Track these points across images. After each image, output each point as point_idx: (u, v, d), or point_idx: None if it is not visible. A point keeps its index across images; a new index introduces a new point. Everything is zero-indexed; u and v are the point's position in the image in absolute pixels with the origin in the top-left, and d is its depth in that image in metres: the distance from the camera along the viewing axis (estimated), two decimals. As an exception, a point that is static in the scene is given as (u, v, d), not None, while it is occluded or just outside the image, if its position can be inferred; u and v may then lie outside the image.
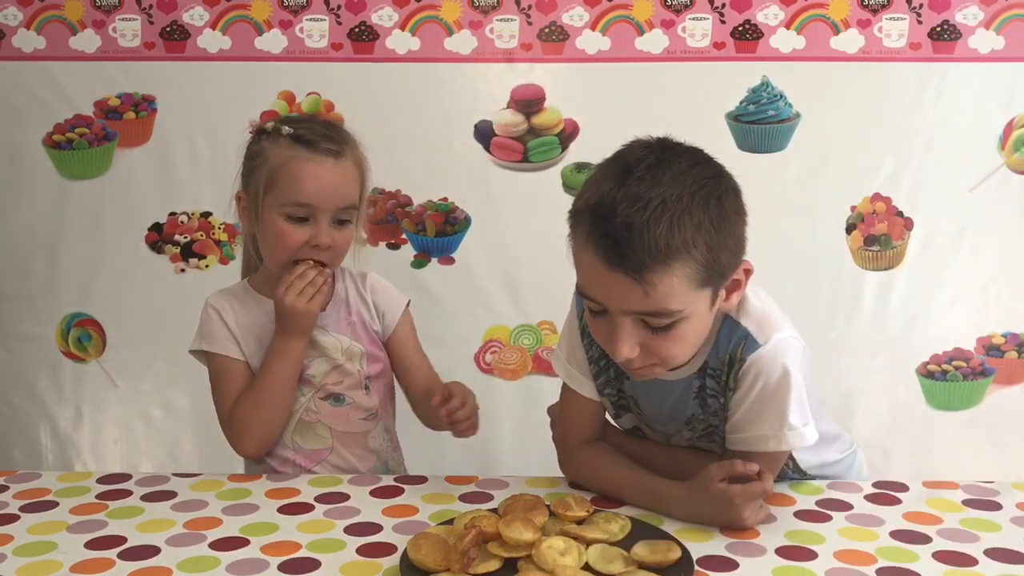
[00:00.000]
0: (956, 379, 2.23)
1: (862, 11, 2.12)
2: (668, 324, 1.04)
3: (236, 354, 1.39)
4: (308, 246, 1.33)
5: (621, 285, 1.01)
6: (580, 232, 1.06)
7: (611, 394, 1.28)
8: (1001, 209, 2.16)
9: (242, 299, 1.42)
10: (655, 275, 1.00)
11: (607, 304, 1.05)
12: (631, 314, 1.04)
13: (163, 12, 2.18)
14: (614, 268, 1.01)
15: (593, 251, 1.03)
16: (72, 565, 1.02)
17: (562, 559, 0.94)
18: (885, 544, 1.05)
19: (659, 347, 1.07)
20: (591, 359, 1.27)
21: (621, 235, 1.00)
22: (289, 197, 1.32)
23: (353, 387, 1.42)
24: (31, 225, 2.27)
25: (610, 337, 1.07)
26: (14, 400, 2.34)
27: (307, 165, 1.32)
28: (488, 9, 2.16)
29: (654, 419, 1.25)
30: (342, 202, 1.34)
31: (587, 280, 1.07)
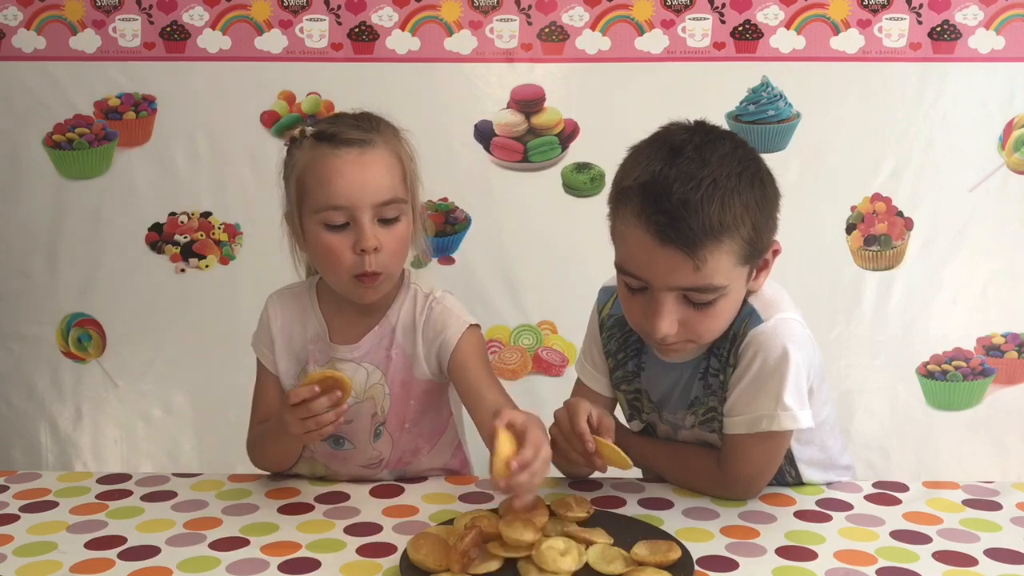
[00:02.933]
0: (956, 379, 2.23)
1: (862, 11, 2.12)
2: (710, 300, 1.07)
3: (268, 363, 1.31)
4: (356, 256, 1.18)
5: (672, 260, 1.04)
6: (628, 210, 1.07)
7: (627, 391, 1.29)
8: (1001, 209, 2.16)
9: (300, 306, 1.30)
10: (707, 251, 1.04)
11: (653, 280, 1.07)
12: (676, 290, 1.07)
13: (163, 12, 2.18)
14: (668, 244, 1.04)
15: (645, 228, 1.05)
16: (72, 565, 1.02)
17: (562, 559, 0.94)
18: (885, 544, 1.05)
19: (698, 323, 1.09)
20: (608, 352, 1.28)
21: (678, 212, 1.03)
22: (320, 202, 1.18)
23: (359, 432, 1.28)
24: (31, 225, 2.27)
25: (650, 313, 1.08)
26: (14, 400, 2.34)
27: (331, 162, 1.18)
28: (488, 9, 2.16)
29: (664, 407, 1.25)
30: (380, 196, 1.18)
31: (634, 257, 1.08)
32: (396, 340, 1.27)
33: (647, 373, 1.26)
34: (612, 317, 1.28)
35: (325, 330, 1.29)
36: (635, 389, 1.28)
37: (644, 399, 1.28)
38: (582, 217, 2.21)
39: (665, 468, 1.23)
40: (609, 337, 1.28)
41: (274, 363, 1.30)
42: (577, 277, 2.21)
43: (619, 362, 1.28)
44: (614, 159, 2.32)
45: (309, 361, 1.29)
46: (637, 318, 1.13)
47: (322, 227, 1.19)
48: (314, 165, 1.19)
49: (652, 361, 1.25)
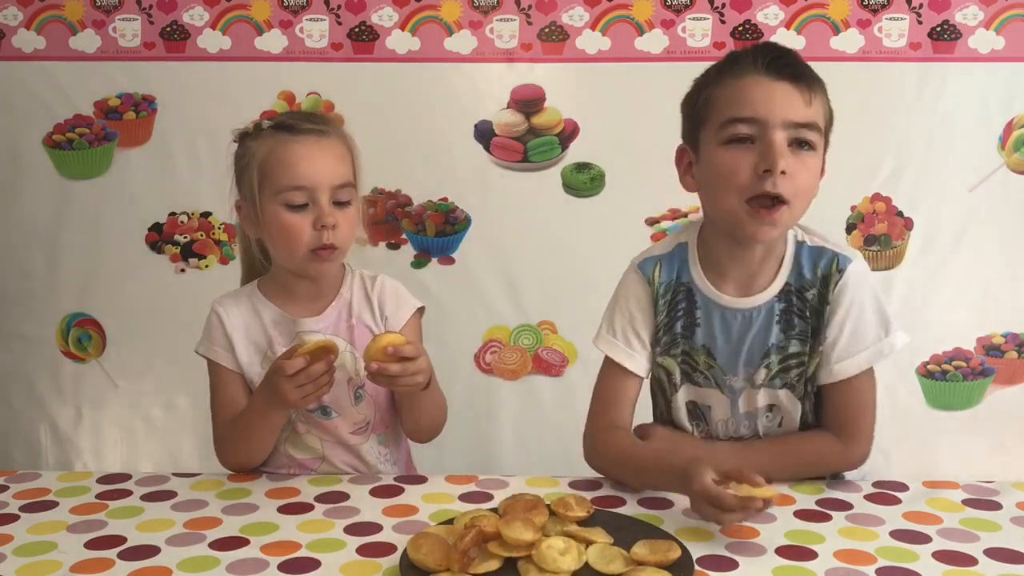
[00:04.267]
0: (956, 379, 2.23)
1: (862, 11, 2.12)
2: (811, 144, 1.16)
3: (229, 363, 1.37)
4: (315, 232, 1.29)
5: (787, 94, 1.15)
6: (737, 67, 1.19)
7: (677, 354, 1.27)
8: (1001, 209, 2.17)
9: (249, 303, 1.39)
10: (812, 90, 1.17)
11: (770, 116, 1.14)
12: (788, 127, 1.15)
13: (163, 12, 2.18)
14: (782, 78, 1.16)
15: (758, 70, 1.16)
16: (72, 565, 1.01)
17: (562, 559, 0.94)
18: (885, 544, 1.05)
19: (797, 174, 1.15)
20: (660, 323, 1.28)
21: (789, 55, 1.19)
22: (284, 183, 1.29)
23: (341, 398, 1.36)
24: (31, 225, 2.27)
25: (765, 155, 1.14)
26: (14, 400, 2.34)
27: (294, 147, 1.30)
28: (488, 9, 2.16)
29: (728, 364, 1.24)
30: (337, 179, 1.31)
31: (750, 97, 1.16)
32: (354, 312, 1.39)
33: (705, 327, 1.25)
34: (663, 284, 1.29)
35: (280, 312, 1.37)
36: (685, 351, 1.27)
37: (700, 357, 1.26)
38: (582, 217, 2.21)
39: (775, 467, 1.18)
40: (664, 305, 1.28)
41: (234, 360, 1.37)
42: (577, 277, 2.22)
43: (667, 327, 1.28)
44: (614, 159, 2.33)
45: (274, 345, 1.36)
46: (744, 174, 1.15)
47: (283, 207, 1.30)
48: (276, 150, 1.31)
49: (712, 310, 1.25)
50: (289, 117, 1.36)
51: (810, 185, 1.18)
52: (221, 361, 1.37)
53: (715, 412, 1.28)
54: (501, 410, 2.29)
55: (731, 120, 1.17)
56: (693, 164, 1.25)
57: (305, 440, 1.37)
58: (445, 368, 2.27)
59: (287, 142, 1.31)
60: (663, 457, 1.20)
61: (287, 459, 1.38)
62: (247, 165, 1.33)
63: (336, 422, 1.37)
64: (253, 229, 1.36)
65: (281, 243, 1.32)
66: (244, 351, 1.36)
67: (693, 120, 1.24)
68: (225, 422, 1.35)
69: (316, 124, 1.34)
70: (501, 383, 2.29)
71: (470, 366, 2.28)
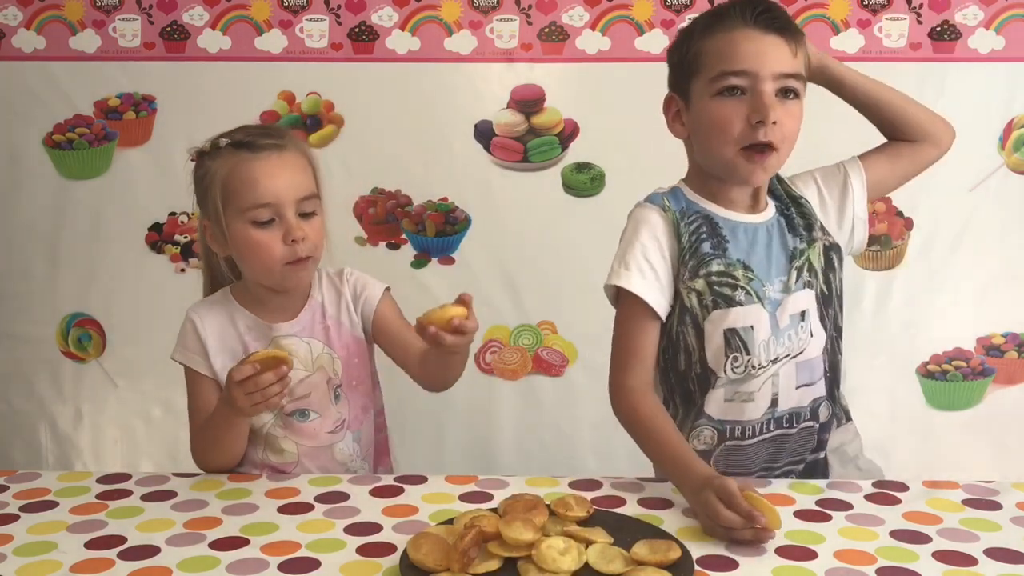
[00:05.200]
0: (956, 379, 2.23)
1: (862, 11, 2.12)
2: (795, 93, 1.23)
3: (203, 369, 1.38)
4: (287, 247, 1.30)
5: (776, 47, 1.22)
6: (727, 21, 1.24)
7: (709, 274, 1.25)
8: (1001, 209, 2.17)
9: (223, 309, 1.40)
10: (798, 41, 1.24)
11: (760, 68, 1.20)
12: (778, 79, 1.21)
13: (163, 12, 2.18)
14: (770, 32, 1.22)
15: (748, 24, 1.22)
16: (72, 565, 1.01)
17: (562, 559, 0.94)
18: (885, 544, 1.05)
19: (784, 121, 1.21)
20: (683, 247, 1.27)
21: (776, 8, 1.24)
22: (248, 201, 1.29)
23: (321, 399, 1.38)
24: (31, 225, 2.27)
25: (756, 107, 1.20)
26: (14, 400, 2.34)
27: (255, 164, 1.30)
28: (488, 9, 2.16)
29: (765, 274, 1.27)
30: (301, 192, 1.31)
31: (741, 50, 1.22)
32: (327, 313, 1.40)
33: (734, 244, 1.28)
34: (678, 209, 1.31)
35: (254, 318, 1.38)
36: (720, 270, 1.26)
37: (739, 271, 1.26)
38: (582, 217, 2.21)
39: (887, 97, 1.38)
40: (685, 230, 1.28)
41: (209, 366, 1.38)
42: (577, 277, 2.22)
43: (691, 250, 1.27)
44: (614, 159, 2.32)
45: (249, 350, 1.36)
46: (738, 125, 1.21)
47: (250, 225, 1.30)
48: (238, 170, 1.31)
49: (737, 229, 1.29)
50: (246, 134, 1.35)
51: (796, 130, 1.26)
52: (196, 367, 1.39)
53: (757, 332, 1.25)
54: (501, 410, 2.29)
55: (723, 73, 1.22)
56: (682, 112, 1.30)
57: (281, 444, 1.38)
58: (445, 368, 2.29)
59: (247, 160, 1.31)
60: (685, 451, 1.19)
61: (261, 464, 1.40)
62: (209, 186, 1.33)
63: (315, 424, 1.38)
64: (220, 248, 1.36)
65: (254, 260, 1.33)
66: (218, 356, 1.37)
67: (682, 70, 1.29)
68: (198, 427, 1.37)
69: (274, 139, 1.34)
70: (501, 383, 2.29)
71: (470, 366, 2.27)
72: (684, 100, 1.29)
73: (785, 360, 1.27)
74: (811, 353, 1.29)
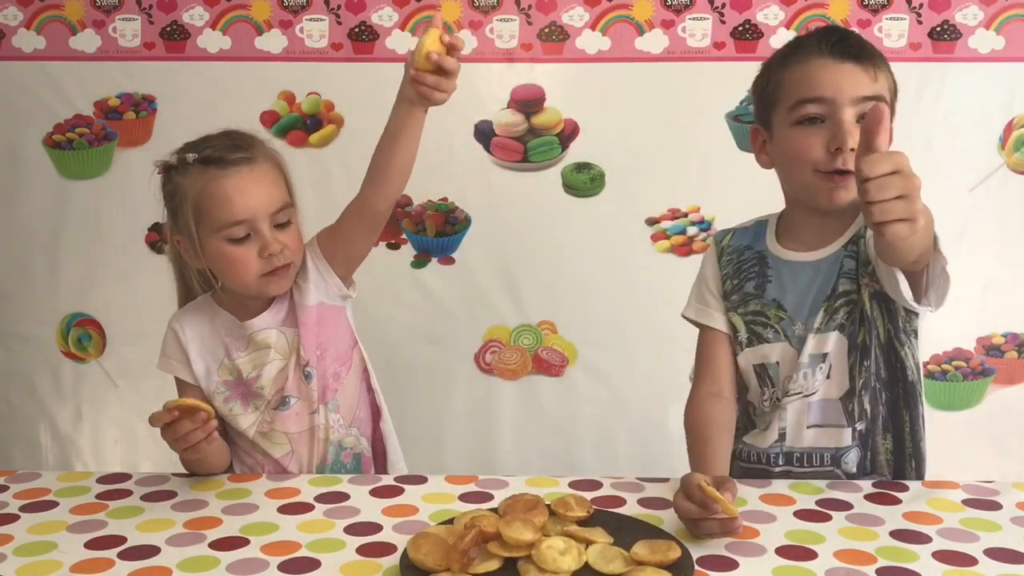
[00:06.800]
0: (956, 379, 2.23)
1: (862, 11, 2.12)
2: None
3: (186, 376, 1.40)
4: (263, 260, 1.30)
5: (852, 73, 1.23)
6: (803, 52, 1.26)
7: (745, 312, 1.33)
8: (1001, 209, 2.16)
9: (203, 314, 1.41)
10: (877, 67, 1.25)
11: (837, 95, 1.21)
12: (856, 103, 1.22)
13: (163, 12, 2.18)
14: (847, 59, 1.23)
15: (824, 53, 1.24)
16: (72, 565, 1.02)
17: (562, 559, 0.94)
18: (885, 544, 1.05)
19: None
20: (725, 276, 1.37)
21: (853, 36, 1.27)
22: (222, 221, 1.29)
23: (298, 383, 1.39)
24: (31, 225, 2.27)
25: (835, 134, 1.21)
26: (14, 400, 2.34)
27: (227, 182, 1.29)
28: (488, 9, 2.16)
29: (796, 313, 1.29)
30: (274, 205, 1.31)
31: (818, 78, 1.23)
32: (295, 297, 1.39)
33: (776, 283, 1.32)
34: (731, 247, 1.39)
35: (234, 319, 1.39)
36: (756, 310, 1.32)
37: (772, 311, 1.31)
38: (582, 217, 2.21)
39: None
40: (728, 262, 1.38)
41: (191, 373, 1.39)
42: (577, 277, 2.22)
43: (735, 286, 1.36)
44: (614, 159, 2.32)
45: (231, 352, 1.39)
46: (817, 151, 1.22)
47: (225, 242, 1.30)
48: (209, 188, 1.29)
49: (783, 268, 1.32)
50: (214, 148, 1.32)
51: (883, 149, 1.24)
52: (179, 375, 1.40)
53: (782, 368, 1.30)
54: (501, 410, 2.29)
55: (801, 101, 1.24)
56: (767, 143, 1.32)
57: (273, 438, 1.40)
58: (445, 368, 2.29)
59: (218, 178, 1.29)
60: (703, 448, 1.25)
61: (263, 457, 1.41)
62: (180, 203, 1.32)
63: (296, 408, 1.39)
64: (195, 261, 1.36)
65: (231, 275, 1.34)
66: (200, 361, 1.39)
67: (764, 102, 1.32)
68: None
69: (243, 151, 1.32)
70: (501, 383, 2.29)
71: (470, 366, 2.28)
72: (768, 131, 1.32)
73: (796, 397, 1.28)
74: (826, 396, 1.28)
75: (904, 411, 1.29)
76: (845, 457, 1.28)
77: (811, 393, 1.28)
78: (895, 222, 0.97)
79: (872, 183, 0.96)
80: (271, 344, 1.38)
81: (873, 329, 1.26)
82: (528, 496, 1.10)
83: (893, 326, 1.27)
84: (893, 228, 0.97)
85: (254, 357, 1.39)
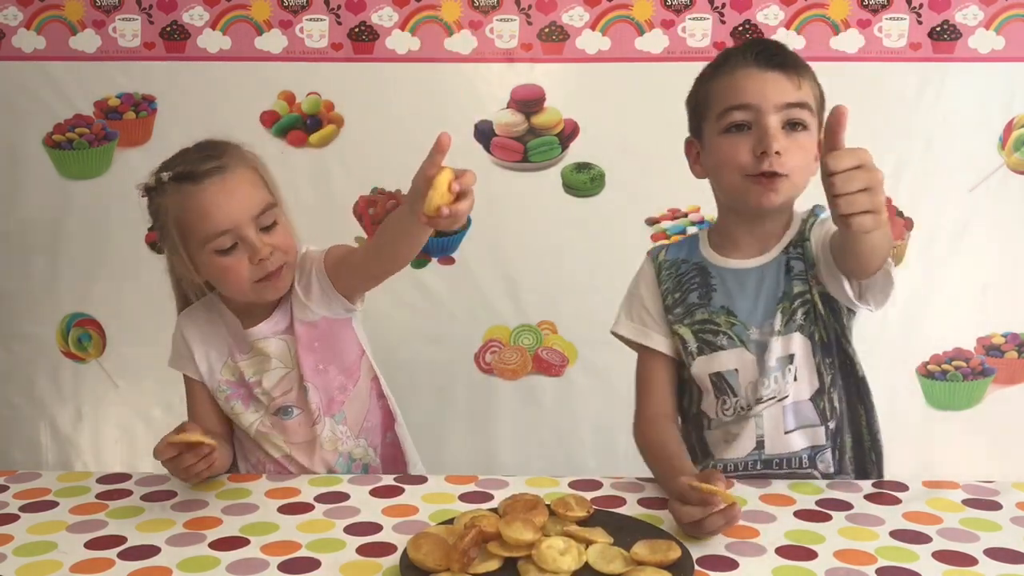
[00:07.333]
0: (956, 379, 2.23)
1: (862, 11, 2.12)
2: (803, 125, 1.24)
3: (193, 374, 1.41)
4: (254, 266, 1.29)
5: (777, 81, 1.25)
6: (730, 63, 1.29)
7: (693, 323, 1.32)
8: (1001, 209, 2.16)
9: (208, 314, 1.41)
10: (801, 75, 1.26)
11: (762, 102, 1.23)
12: (781, 109, 1.23)
13: (163, 12, 2.18)
14: (772, 68, 1.25)
15: (750, 63, 1.26)
16: (72, 565, 1.02)
17: (562, 559, 0.94)
18: (885, 544, 1.05)
19: (793, 152, 1.23)
20: (665, 292, 1.37)
21: (776, 46, 1.30)
22: (205, 234, 1.28)
23: (300, 394, 1.39)
24: (31, 225, 2.27)
25: (760, 138, 1.23)
26: (14, 400, 2.34)
27: (202, 196, 1.28)
28: (488, 9, 2.16)
29: (749, 318, 1.30)
30: (256, 208, 1.29)
31: (743, 87, 1.26)
32: (295, 308, 1.38)
33: (721, 291, 1.32)
34: (667, 261, 1.39)
35: (238, 323, 1.39)
36: (704, 318, 1.32)
37: (722, 318, 1.31)
38: (582, 217, 2.21)
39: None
40: (667, 276, 1.38)
41: (196, 370, 1.40)
42: (577, 277, 2.22)
43: (678, 299, 1.35)
44: (614, 159, 2.32)
45: (234, 353, 1.40)
46: (744, 156, 1.24)
47: (214, 254, 1.29)
48: (187, 205, 1.29)
49: (726, 275, 1.33)
50: (186, 163, 1.31)
51: (806, 162, 1.25)
52: (187, 372, 1.42)
53: (742, 375, 1.30)
54: (501, 410, 2.29)
55: (727, 109, 1.26)
56: (700, 153, 1.35)
57: (271, 439, 1.40)
58: (445, 368, 2.29)
59: (193, 193, 1.28)
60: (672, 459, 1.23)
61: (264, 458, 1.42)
62: (164, 223, 1.32)
63: (298, 419, 1.40)
64: (192, 275, 1.35)
65: (226, 286, 1.34)
66: (203, 359, 1.40)
67: (696, 114, 1.35)
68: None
69: (214, 160, 1.30)
70: (501, 383, 2.29)
71: (470, 366, 2.28)
72: (700, 142, 1.34)
73: (770, 402, 1.28)
74: (798, 397, 1.28)
75: (859, 405, 1.31)
76: (821, 456, 1.29)
77: (784, 396, 1.28)
78: (860, 214, 0.98)
79: (837, 177, 0.97)
80: (271, 353, 1.38)
81: (829, 328, 1.28)
82: (528, 496, 1.10)
83: (839, 325, 1.29)
84: (859, 220, 0.98)
85: (255, 363, 1.39)
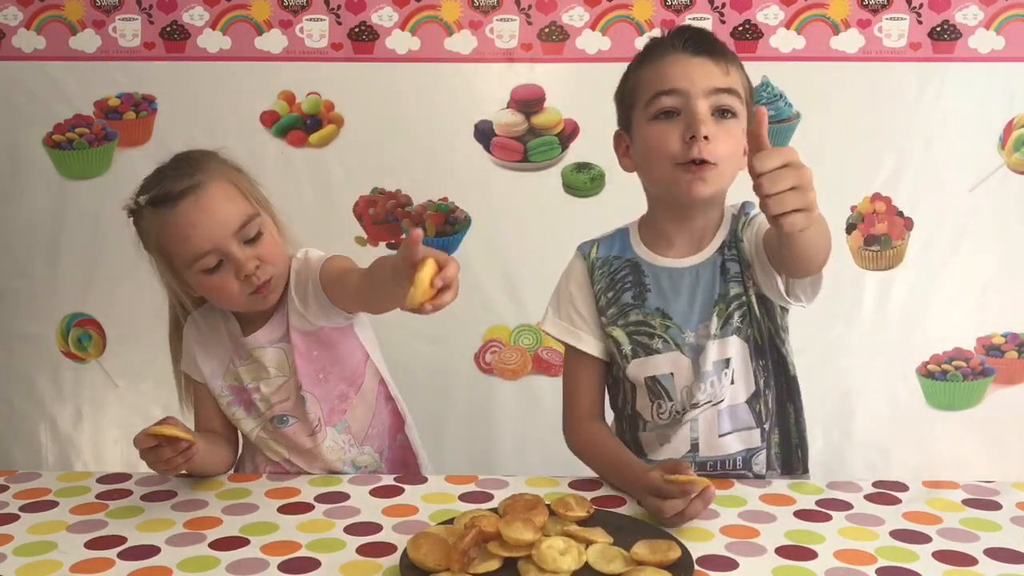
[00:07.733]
0: (956, 379, 2.23)
1: (862, 11, 2.12)
2: (732, 113, 1.23)
3: (196, 375, 1.41)
4: (242, 282, 1.28)
5: (704, 66, 1.24)
6: (658, 50, 1.28)
7: (626, 324, 1.30)
8: (1001, 209, 2.16)
9: (212, 318, 1.40)
10: (729, 63, 1.25)
11: (691, 87, 1.22)
12: (710, 94, 1.22)
13: (163, 12, 2.18)
14: (700, 54, 1.24)
15: (678, 49, 1.25)
16: (72, 565, 1.02)
17: (562, 559, 0.94)
18: (885, 544, 1.05)
19: (721, 140, 1.21)
20: (598, 292, 1.34)
21: (703, 33, 1.29)
22: (187, 256, 1.27)
23: (296, 403, 1.38)
24: (31, 225, 2.27)
25: (689, 123, 1.21)
26: (14, 400, 2.34)
27: (179, 219, 1.26)
28: (488, 9, 2.16)
29: (684, 320, 1.28)
30: (236, 223, 1.27)
31: (671, 73, 1.24)
32: (291, 317, 1.35)
33: (656, 291, 1.30)
34: (600, 259, 1.36)
35: (238, 329, 1.38)
36: (639, 320, 1.30)
37: (656, 320, 1.29)
38: (582, 217, 2.20)
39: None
40: (601, 275, 1.35)
41: (200, 372, 1.40)
42: (577, 277, 2.22)
43: (612, 299, 1.33)
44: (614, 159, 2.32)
45: (234, 359, 1.39)
46: (674, 143, 1.22)
47: (200, 274, 1.28)
48: (166, 230, 1.28)
49: (660, 275, 1.30)
50: (160, 185, 1.28)
51: (735, 150, 1.24)
52: (191, 372, 1.42)
53: (677, 379, 1.29)
54: (501, 410, 2.29)
55: (656, 95, 1.24)
56: (629, 147, 1.33)
57: (269, 444, 1.40)
58: (445, 368, 2.29)
59: (170, 217, 1.26)
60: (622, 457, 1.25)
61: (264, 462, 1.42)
62: (148, 247, 1.33)
63: (296, 427, 1.39)
64: (188, 291, 1.35)
65: (219, 302, 1.35)
66: (205, 363, 1.39)
67: (624, 105, 1.33)
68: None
69: (188, 178, 1.27)
70: (501, 383, 2.29)
71: (470, 366, 2.28)
72: (628, 134, 1.32)
73: (705, 407, 1.27)
74: (733, 401, 1.28)
75: (789, 404, 1.31)
76: (756, 458, 1.29)
77: (719, 401, 1.27)
78: (791, 213, 0.97)
79: (765, 177, 0.96)
80: (267, 362, 1.37)
81: (764, 329, 1.27)
82: (528, 496, 1.10)
83: (773, 324, 1.28)
84: (790, 219, 0.97)
85: (252, 370, 1.38)
